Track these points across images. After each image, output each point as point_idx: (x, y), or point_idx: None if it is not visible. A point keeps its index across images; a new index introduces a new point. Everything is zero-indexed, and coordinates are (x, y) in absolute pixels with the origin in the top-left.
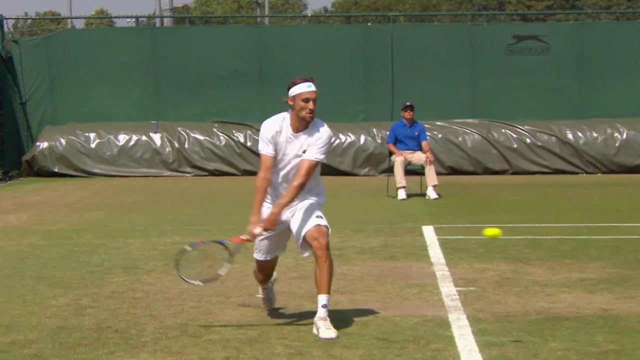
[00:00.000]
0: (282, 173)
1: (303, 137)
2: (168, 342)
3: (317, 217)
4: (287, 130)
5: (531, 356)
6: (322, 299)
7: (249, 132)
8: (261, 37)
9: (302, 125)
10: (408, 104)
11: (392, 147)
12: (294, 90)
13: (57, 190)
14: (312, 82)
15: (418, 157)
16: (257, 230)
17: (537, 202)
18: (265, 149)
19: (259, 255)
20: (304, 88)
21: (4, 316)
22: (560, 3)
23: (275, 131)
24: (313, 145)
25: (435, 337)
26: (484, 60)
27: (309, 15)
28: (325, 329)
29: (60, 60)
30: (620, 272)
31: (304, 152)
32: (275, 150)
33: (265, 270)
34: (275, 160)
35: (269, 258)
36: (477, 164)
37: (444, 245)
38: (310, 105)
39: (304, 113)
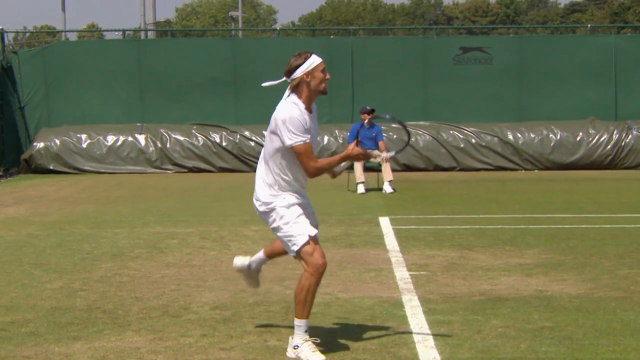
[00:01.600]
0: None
1: (313, 118)
2: (151, 321)
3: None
4: (305, 112)
5: (475, 332)
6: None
7: (224, 133)
8: (235, 48)
9: (311, 103)
10: (369, 108)
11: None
12: (311, 63)
13: (52, 185)
14: None
15: (378, 154)
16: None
17: (481, 196)
18: (305, 136)
19: (312, 230)
20: (319, 59)
21: (4, 298)
22: (502, 18)
23: (305, 117)
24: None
25: (390, 316)
26: (434, 69)
27: (278, 29)
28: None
29: (55, 69)
30: (554, 257)
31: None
32: None
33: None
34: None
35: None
36: (428, 161)
37: (398, 234)
38: (328, 75)
39: (324, 85)
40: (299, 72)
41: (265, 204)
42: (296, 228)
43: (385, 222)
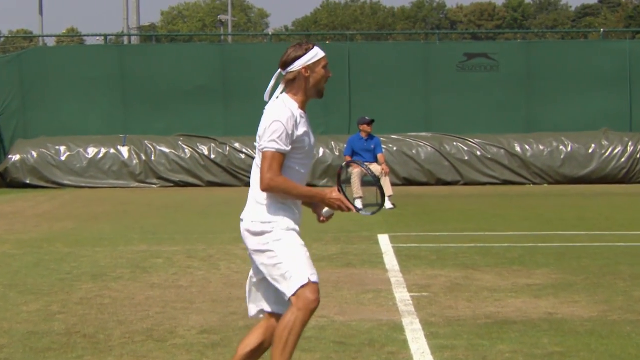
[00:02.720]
0: (308, 167)
1: (308, 120)
2: (134, 346)
3: None
4: (301, 113)
5: (481, 358)
6: None
7: (212, 145)
8: (225, 54)
9: (307, 102)
10: (368, 118)
11: (349, 159)
12: (313, 56)
13: (29, 201)
14: None
15: (374, 169)
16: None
17: (486, 212)
18: (282, 145)
19: (314, 275)
20: (322, 52)
21: None
22: (509, 23)
23: (295, 120)
24: None
25: (389, 341)
26: (436, 76)
27: (270, 33)
28: None
29: (32, 77)
30: (564, 278)
31: None
32: (294, 144)
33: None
34: (302, 153)
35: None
36: (430, 175)
37: (398, 252)
38: (330, 73)
39: (323, 84)
40: (297, 65)
41: (257, 223)
42: (295, 266)
43: (384, 240)
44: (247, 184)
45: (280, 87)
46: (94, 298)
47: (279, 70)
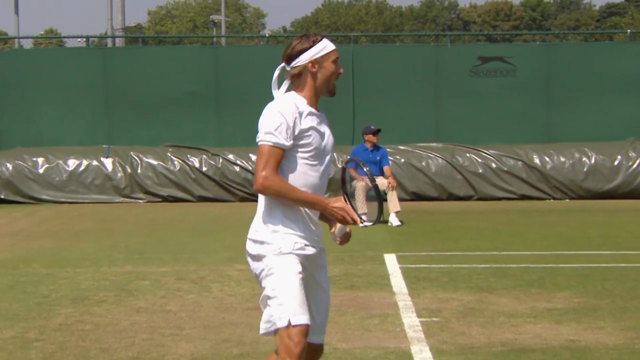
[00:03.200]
0: (322, 171)
1: (324, 120)
2: None
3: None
4: (309, 109)
5: None
6: None
7: (204, 156)
8: (217, 58)
9: (317, 103)
10: (374, 128)
11: (353, 172)
12: (321, 49)
13: (3, 217)
14: None
15: (380, 183)
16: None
17: (503, 229)
18: (280, 139)
19: (300, 316)
20: (331, 45)
21: None
22: (527, 23)
23: (299, 113)
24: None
25: None
26: (448, 82)
27: (267, 35)
28: None
29: (7, 81)
30: (588, 301)
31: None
32: (298, 140)
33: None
34: (309, 152)
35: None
36: (441, 189)
37: (406, 274)
38: (341, 68)
39: (334, 80)
40: (303, 59)
41: (257, 242)
42: (279, 306)
43: (391, 260)
44: (242, 199)
45: (286, 83)
46: (75, 324)
47: (282, 64)
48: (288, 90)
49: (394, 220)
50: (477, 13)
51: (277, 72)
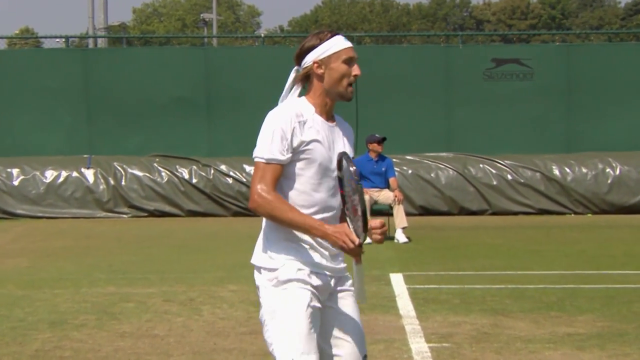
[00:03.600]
0: (333, 189)
1: (340, 131)
2: None
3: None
4: (316, 118)
5: None
6: None
7: (194, 167)
8: (209, 59)
9: (332, 108)
10: (379, 136)
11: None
12: (329, 47)
13: None
14: None
15: (385, 196)
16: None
17: (519, 247)
18: (274, 154)
19: (303, 355)
20: (343, 42)
21: None
22: (546, 22)
23: (299, 122)
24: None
25: None
26: (459, 86)
27: (263, 35)
28: None
29: None
30: (612, 326)
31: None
32: (298, 154)
33: None
34: (311, 168)
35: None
36: (452, 203)
37: (414, 295)
38: (357, 69)
39: (346, 84)
40: (308, 60)
41: (255, 269)
42: (280, 343)
43: (398, 280)
44: (235, 214)
45: (297, 88)
46: (53, 350)
47: (295, 67)
48: (300, 96)
49: (400, 237)
50: (491, 11)
51: (292, 76)
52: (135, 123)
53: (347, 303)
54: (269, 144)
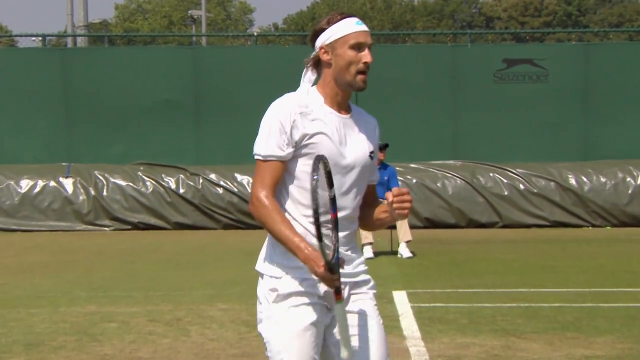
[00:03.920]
0: (344, 191)
1: (357, 124)
2: None
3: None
4: (324, 109)
5: None
6: None
7: (181, 176)
8: (197, 60)
9: (346, 100)
10: (381, 143)
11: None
12: (336, 31)
13: None
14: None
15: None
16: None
17: (533, 262)
18: (272, 150)
19: None
20: (353, 26)
21: None
22: (561, 20)
23: (299, 113)
24: (375, 152)
25: None
26: (468, 88)
27: (256, 34)
28: None
29: None
30: (634, 348)
31: (372, 155)
32: (300, 149)
33: None
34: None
35: None
36: (460, 215)
37: (419, 315)
38: (368, 56)
39: (353, 72)
40: (317, 45)
41: (260, 275)
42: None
43: (401, 299)
44: (226, 227)
45: (311, 76)
46: None
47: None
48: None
49: (404, 252)
50: (502, 8)
51: (305, 72)
52: (118, 129)
53: (360, 306)
54: (267, 138)
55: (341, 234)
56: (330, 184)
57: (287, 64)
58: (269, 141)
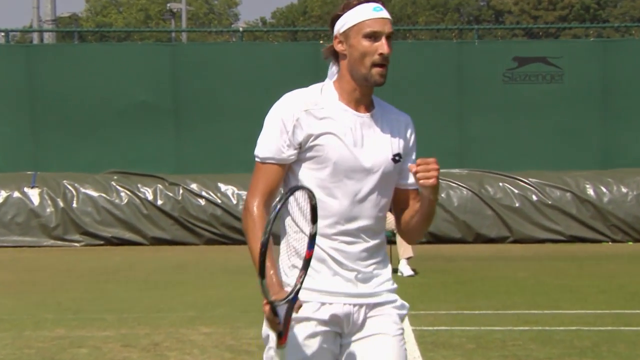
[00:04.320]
0: (360, 197)
1: (380, 123)
2: None
3: None
4: (338, 106)
5: None
6: None
7: (159, 186)
8: (177, 58)
9: (366, 95)
10: None
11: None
12: (348, 19)
13: None
14: (384, 6)
15: (387, 221)
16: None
17: (546, 281)
18: (270, 152)
19: None
20: (369, 12)
21: None
22: (578, 13)
23: (304, 110)
24: (408, 154)
25: None
26: (475, 89)
27: (241, 29)
28: None
29: None
30: None
31: (397, 158)
32: (306, 151)
33: None
34: (324, 167)
35: None
36: (467, 229)
37: (421, 338)
38: (385, 47)
39: (368, 64)
40: (337, 30)
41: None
42: None
43: None
44: (209, 241)
45: (333, 68)
46: None
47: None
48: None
49: (404, 269)
50: (512, 0)
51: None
52: (89, 134)
53: (377, 327)
54: (266, 138)
55: (356, 249)
56: (314, 219)
57: (275, 62)
58: (269, 142)
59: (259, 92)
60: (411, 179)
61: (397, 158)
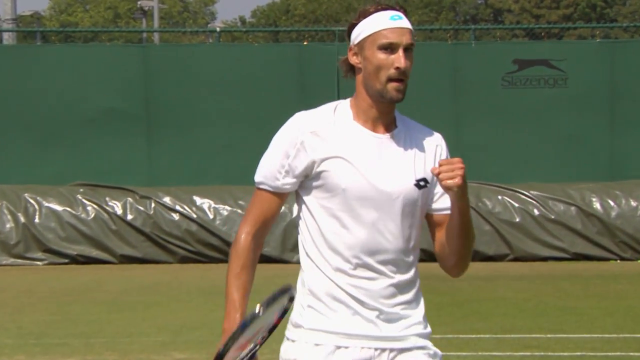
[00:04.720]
0: (380, 229)
1: (402, 143)
2: None
3: None
4: (351, 127)
5: None
6: None
7: (129, 199)
8: (148, 60)
9: (385, 113)
10: None
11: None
12: (363, 29)
13: None
14: (405, 15)
15: None
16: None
17: (549, 302)
18: (268, 178)
19: None
20: (385, 21)
21: None
22: (583, 12)
23: (307, 133)
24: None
25: None
26: (471, 94)
27: (218, 29)
28: None
29: None
30: None
31: (422, 183)
32: (312, 180)
33: None
34: (332, 197)
35: None
36: None
37: None
38: (401, 60)
39: (383, 79)
40: (352, 41)
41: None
42: None
43: None
44: (183, 259)
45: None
46: None
47: None
48: None
49: None
50: None
51: None
52: (53, 142)
53: None
54: (265, 161)
55: (379, 285)
56: (268, 302)
57: (256, 66)
58: (266, 165)
59: (238, 98)
60: (437, 204)
61: (421, 183)
